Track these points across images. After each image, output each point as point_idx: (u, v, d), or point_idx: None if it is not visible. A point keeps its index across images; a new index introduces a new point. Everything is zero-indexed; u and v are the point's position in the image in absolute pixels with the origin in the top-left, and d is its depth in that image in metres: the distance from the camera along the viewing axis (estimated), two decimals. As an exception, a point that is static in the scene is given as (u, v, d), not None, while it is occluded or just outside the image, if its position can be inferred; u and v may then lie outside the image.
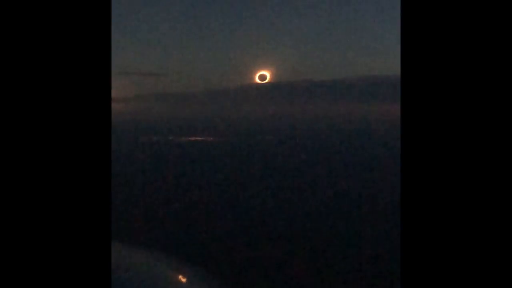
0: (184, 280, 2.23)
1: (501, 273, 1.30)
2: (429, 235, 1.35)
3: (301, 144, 33.34)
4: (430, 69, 1.24)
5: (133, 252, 2.47)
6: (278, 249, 9.88)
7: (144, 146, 33.50)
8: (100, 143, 1.36)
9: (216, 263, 8.82)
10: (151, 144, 35.97)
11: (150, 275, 2.12)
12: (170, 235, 11.16)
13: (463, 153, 1.28)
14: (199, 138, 41.87)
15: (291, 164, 23.34)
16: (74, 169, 1.34)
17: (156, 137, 42.71)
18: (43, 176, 1.33)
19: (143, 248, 2.84)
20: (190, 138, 41.94)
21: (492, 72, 1.24)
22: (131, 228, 11.59)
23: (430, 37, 1.25)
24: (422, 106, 1.24)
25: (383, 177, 18.48)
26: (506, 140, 1.23)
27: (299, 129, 50.50)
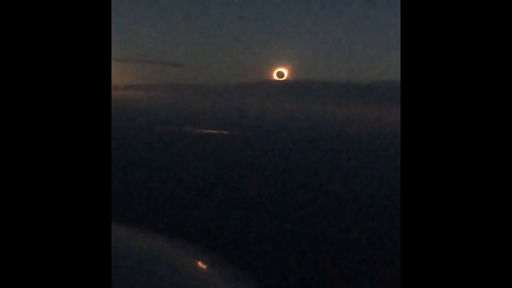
0: (204, 266, 2.22)
1: (502, 273, 1.29)
2: (429, 237, 1.34)
3: (314, 143, 33.19)
4: (432, 73, 1.25)
5: (150, 240, 2.48)
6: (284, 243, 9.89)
7: (159, 136, 33.54)
8: (100, 133, 1.35)
9: (230, 253, 8.86)
10: (166, 134, 36.01)
11: (169, 262, 2.12)
12: (180, 225, 11.22)
13: (463, 155, 1.28)
14: (214, 131, 41.84)
15: (304, 161, 23.27)
16: (74, 160, 1.34)
17: (172, 128, 42.73)
18: (43, 165, 1.32)
19: (159, 235, 2.85)
20: (204, 130, 41.93)
21: (495, 74, 1.23)
22: (142, 217, 11.66)
23: (432, 40, 1.25)
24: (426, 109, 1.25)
25: (397, 179, 18.36)
26: (507, 141, 1.22)
27: (313, 128, 50.21)
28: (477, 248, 1.34)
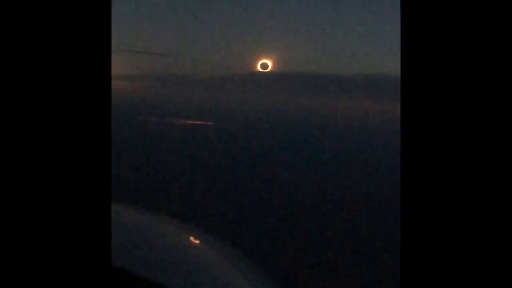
0: (197, 241, 2.19)
1: (502, 273, 1.28)
2: (429, 236, 1.33)
3: (298, 136, 33.26)
4: (432, 68, 1.25)
5: (142, 216, 2.44)
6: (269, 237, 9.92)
7: (140, 127, 33.37)
8: (99, 127, 1.34)
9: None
10: (147, 124, 35.84)
11: (160, 237, 2.10)
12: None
13: (464, 152, 1.27)
14: (198, 122, 41.73)
15: (286, 154, 23.31)
16: (73, 154, 1.33)
17: (154, 118, 42.53)
18: (42, 158, 1.32)
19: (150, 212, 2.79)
20: (188, 121, 41.81)
21: (495, 70, 1.23)
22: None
23: (432, 35, 1.25)
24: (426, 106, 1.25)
25: (383, 175, 18.48)
26: (507, 139, 1.22)
27: (297, 119, 50.32)
28: (478, 246, 1.33)
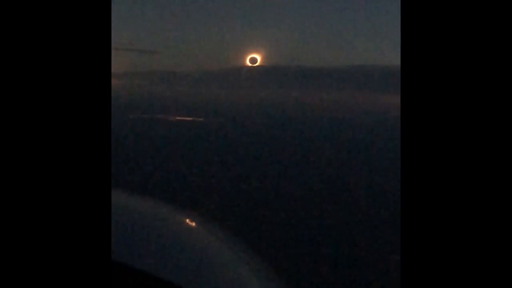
0: (193, 224, 2.18)
1: (502, 273, 1.26)
2: (430, 233, 1.32)
3: (287, 127, 33.28)
4: (432, 60, 1.24)
5: (135, 199, 2.42)
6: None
7: (133, 124, 33.25)
8: (99, 126, 1.35)
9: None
10: (140, 121, 35.72)
11: (156, 219, 2.08)
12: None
13: (465, 147, 1.26)
14: (188, 118, 41.66)
15: (275, 148, 23.33)
16: (73, 151, 1.34)
17: (146, 115, 42.38)
18: (42, 154, 1.33)
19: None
20: (178, 118, 41.73)
21: (496, 66, 1.23)
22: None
23: (432, 27, 1.25)
24: (422, 99, 1.24)
25: (374, 168, 18.55)
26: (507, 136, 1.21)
27: (285, 113, 50.32)
28: (478, 245, 1.31)
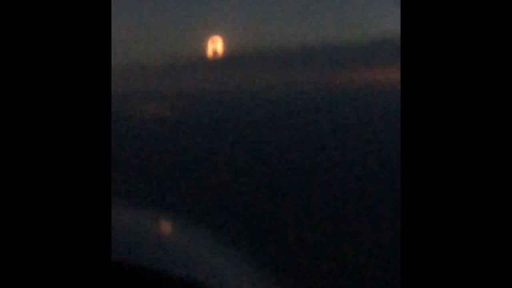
0: (169, 228, 2.14)
1: (502, 273, 1.26)
2: (430, 232, 1.31)
3: (256, 115, 33.19)
4: (432, 31, 1.23)
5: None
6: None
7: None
8: (98, 125, 1.33)
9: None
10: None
11: (133, 225, 2.06)
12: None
13: (465, 145, 1.26)
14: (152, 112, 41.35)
15: (244, 137, 23.32)
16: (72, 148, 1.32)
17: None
18: (41, 153, 1.31)
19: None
20: (142, 113, 41.39)
21: (496, 64, 1.23)
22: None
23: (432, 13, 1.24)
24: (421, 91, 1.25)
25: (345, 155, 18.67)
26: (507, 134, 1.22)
27: (258, 100, 50.20)
28: (478, 245, 1.30)
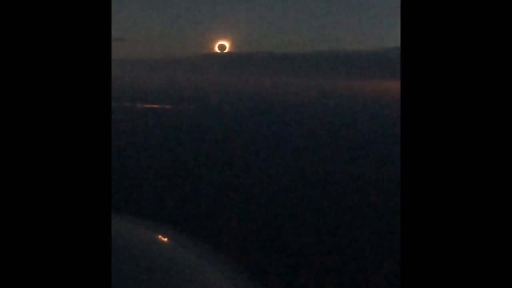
0: (165, 239, 2.17)
1: (502, 273, 1.25)
2: (430, 231, 1.30)
3: (256, 114, 33.30)
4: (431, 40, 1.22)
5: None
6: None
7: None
8: (99, 122, 1.33)
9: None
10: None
11: (129, 237, 2.07)
12: (125, 203, 11.10)
13: (464, 144, 1.25)
14: (155, 106, 41.36)
15: (245, 135, 23.35)
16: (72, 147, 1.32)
17: (112, 104, 41.83)
18: (40, 152, 1.31)
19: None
20: (146, 105, 41.40)
21: (496, 62, 1.22)
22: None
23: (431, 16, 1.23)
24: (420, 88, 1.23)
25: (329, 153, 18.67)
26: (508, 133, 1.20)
27: (253, 100, 50.30)
28: (478, 244, 1.30)
